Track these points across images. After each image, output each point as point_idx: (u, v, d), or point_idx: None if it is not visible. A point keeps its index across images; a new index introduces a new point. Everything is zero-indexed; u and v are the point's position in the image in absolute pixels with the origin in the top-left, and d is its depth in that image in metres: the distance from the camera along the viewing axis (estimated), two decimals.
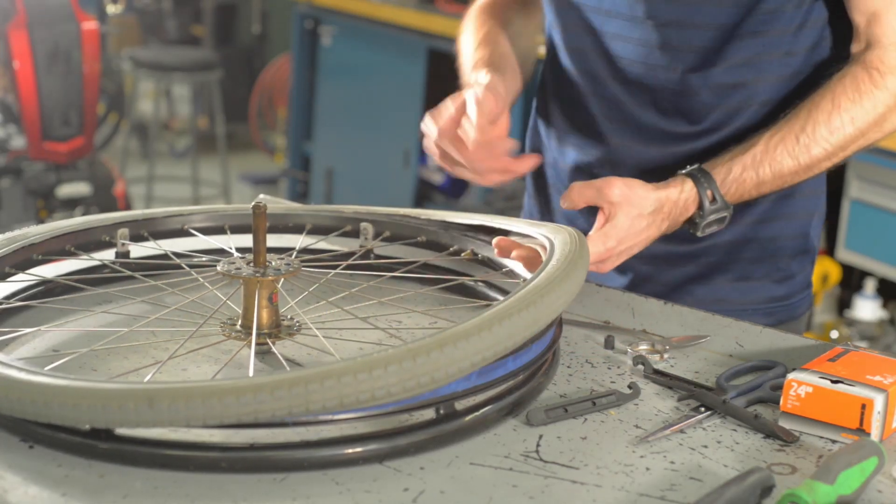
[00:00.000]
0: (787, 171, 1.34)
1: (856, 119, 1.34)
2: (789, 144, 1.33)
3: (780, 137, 1.34)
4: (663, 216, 1.30)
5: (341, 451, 0.98)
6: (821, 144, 1.34)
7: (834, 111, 1.33)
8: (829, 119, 1.33)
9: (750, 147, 1.34)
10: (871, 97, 1.34)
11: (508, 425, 1.06)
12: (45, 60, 4.10)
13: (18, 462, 0.97)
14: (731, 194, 1.33)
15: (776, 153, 1.33)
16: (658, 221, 1.30)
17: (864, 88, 1.34)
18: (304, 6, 5.02)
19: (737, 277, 1.47)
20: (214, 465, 0.96)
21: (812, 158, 1.34)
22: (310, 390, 0.92)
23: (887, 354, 1.15)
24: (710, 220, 1.33)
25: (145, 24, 6.87)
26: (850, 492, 0.94)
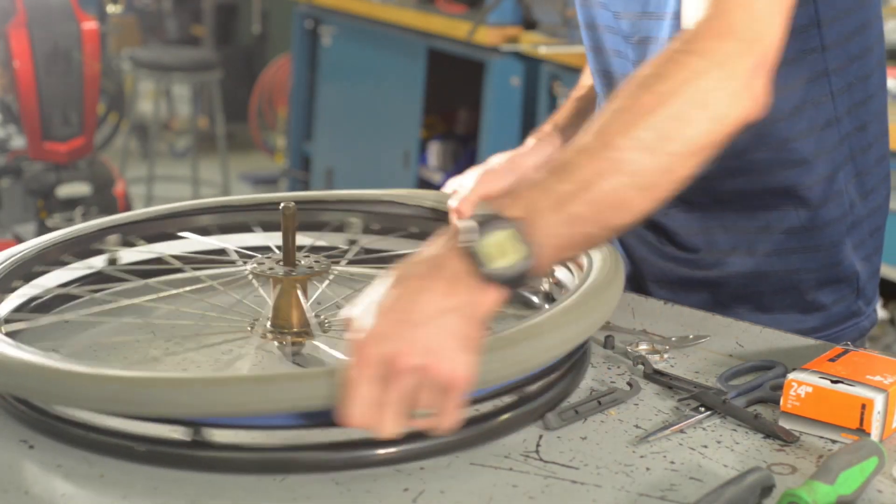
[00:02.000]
0: (591, 174, 0.99)
1: (661, 92, 1.01)
2: (582, 144, 1.02)
3: (572, 143, 1.04)
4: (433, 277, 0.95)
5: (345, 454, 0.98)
6: (622, 133, 1.00)
7: (634, 92, 1.03)
8: (628, 102, 1.03)
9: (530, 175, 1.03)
10: (676, 64, 1.03)
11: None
12: (45, 60, 4.10)
13: (18, 462, 0.97)
14: (510, 215, 0.97)
15: (565, 158, 1.01)
16: (435, 286, 0.95)
17: (669, 56, 1.05)
18: (304, 6, 5.02)
19: (757, 308, 1.40)
20: (215, 465, 0.96)
21: (619, 151, 1.00)
22: None
23: (887, 354, 1.14)
24: (496, 245, 0.96)
25: (145, 24, 6.88)
26: (850, 492, 0.94)
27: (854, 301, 1.41)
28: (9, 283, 1.23)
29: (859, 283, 1.41)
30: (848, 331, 1.42)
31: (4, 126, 4.31)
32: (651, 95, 1.01)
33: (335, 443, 0.98)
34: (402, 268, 0.97)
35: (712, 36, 1.05)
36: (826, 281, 1.39)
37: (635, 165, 1.00)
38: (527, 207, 0.98)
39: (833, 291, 1.40)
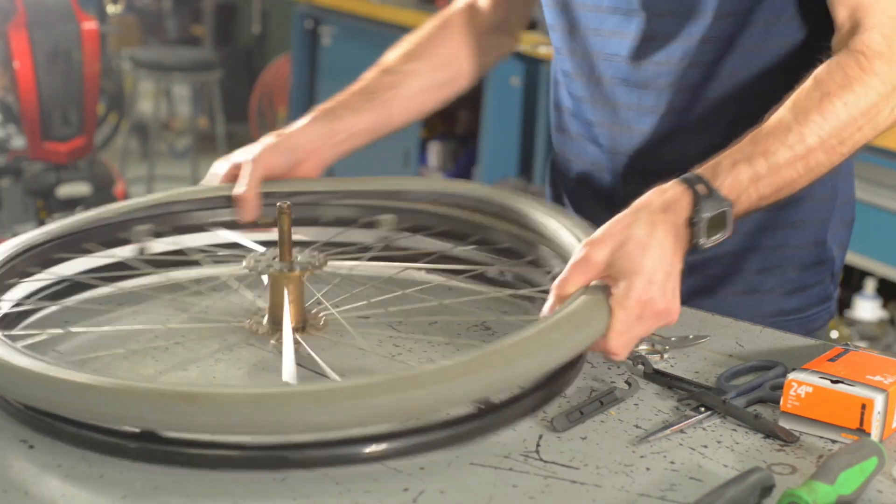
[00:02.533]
0: (784, 163, 1.19)
1: (848, 104, 1.22)
2: (780, 134, 1.20)
3: (770, 129, 1.21)
4: (661, 220, 1.13)
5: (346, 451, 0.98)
6: (814, 132, 1.21)
7: (824, 98, 1.22)
8: (820, 105, 1.22)
9: (738, 144, 1.21)
10: (861, 82, 1.23)
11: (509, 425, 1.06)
12: (45, 60, 4.10)
13: (18, 462, 0.97)
14: (727, 188, 1.17)
15: (768, 144, 1.20)
16: (662, 229, 1.12)
17: (853, 73, 1.23)
18: (304, 6, 5.02)
19: (743, 290, 1.44)
20: (215, 463, 0.96)
21: (807, 148, 1.20)
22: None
23: (887, 354, 1.14)
24: (712, 218, 1.15)
25: (145, 24, 6.88)
26: (850, 492, 0.94)
27: (829, 285, 1.48)
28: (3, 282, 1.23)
29: (834, 269, 1.48)
30: (822, 314, 1.48)
31: (4, 126, 4.31)
32: (841, 106, 1.22)
33: (334, 440, 0.98)
34: (646, 214, 1.13)
35: (884, 60, 1.24)
36: (810, 261, 1.44)
37: (814, 162, 1.22)
38: (735, 186, 1.18)
39: (814, 273, 1.45)
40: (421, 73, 1.55)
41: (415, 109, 1.56)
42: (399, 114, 1.53)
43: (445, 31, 1.59)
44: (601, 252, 1.11)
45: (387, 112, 1.51)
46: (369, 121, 1.49)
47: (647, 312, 1.10)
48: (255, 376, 1.15)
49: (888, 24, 1.26)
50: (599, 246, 1.11)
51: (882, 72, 1.24)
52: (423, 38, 1.59)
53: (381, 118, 1.51)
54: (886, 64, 1.24)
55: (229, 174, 1.41)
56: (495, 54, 1.64)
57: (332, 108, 1.49)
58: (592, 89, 1.46)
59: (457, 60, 1.59)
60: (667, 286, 1.11)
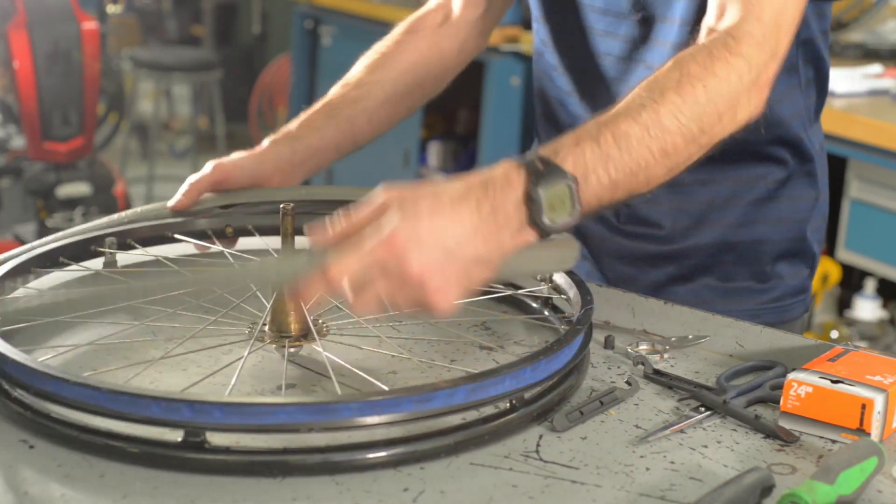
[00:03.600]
0: (637, 142, 1.07)
1: (709, 87, 1.11)
2: (633, 112, 1.08)
3: (622, 108, 1.10)
4: (477, 196, 0.99)
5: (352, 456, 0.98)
6: (671, 112, 1.09)
7: (683, 79, 1.11)
8: (679, 86, 1.10)
9: (584, 124, 1.10)
10: (724, 64, 1.12)
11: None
12: (45, 60, 4.10)
13: (18, 462, 0.97)
14: (571, 165, 1.04)
15: (618, 122, 1.08)
16: (473, 204, 0.99)
17: (717, 54, 1.13)
18: (304, 6, 5.02)
19: (719, 278, 1.46)
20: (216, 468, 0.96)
21: (663, 129, 1.09)
22: None
23: (887, 354, 1.15)
24: (552, 195, 1.01)
25: (145, 24, 6.88)
26: (850, 492, 0.94)
27: (806, 278, 1.49)
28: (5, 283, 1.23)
29: (814, 262, 1.49)
30: (797, 305, 1.49)
31: (4, 126, 4.32)
32: (701, 88, 1.11)
33: (335, 445, 0.98)
34: (462, 185, 1.00)
35: (754, 43, 1.14)
36: (786, 254, 1.45)
37: (672, 147, 1.10)
38: (581, 164, 1.04)
39: (791, 264, 1.46)
40: (384, 84, 1.52)
41: (382, 121, 1.52)
42: (364, 128, 1.50)
43: (412, 36, 1.56)
44: (392, 193, 0.99)
45: (351, 127, 1.49)
46: (332, 138, 1.47)
47: (392, 264, 0.96)
48: (265, 385, 1.15)
49: (768, 14, 1.17)
50: (395, 189, 0.99)
51: (749, 55, 1.14)
52: (388, 45, 1.56)
53: (345, 134, 1.48)
54: (755, 49, 1.15)
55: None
56: (469, 53, 1.61)
57: (294, 130, 1.46)
58: (580, 84, 1.47)
59: (423, 65, 1.56)
60: (435, 259, 0.97)
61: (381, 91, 1.52)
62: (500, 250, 1.01)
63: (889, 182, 2.90)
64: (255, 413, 0.95)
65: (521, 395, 1.05)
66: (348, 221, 1.00)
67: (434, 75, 1.58)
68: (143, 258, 1.36)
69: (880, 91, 3.04)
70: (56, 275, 1.31)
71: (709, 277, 1.46)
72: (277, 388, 1.12)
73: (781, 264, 1.46)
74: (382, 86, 1.52)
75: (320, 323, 1.21)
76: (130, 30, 6.70)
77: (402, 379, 1.15)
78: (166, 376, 1.14)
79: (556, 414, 1.07)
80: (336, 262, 0.96)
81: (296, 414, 0.96)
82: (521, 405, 1.06)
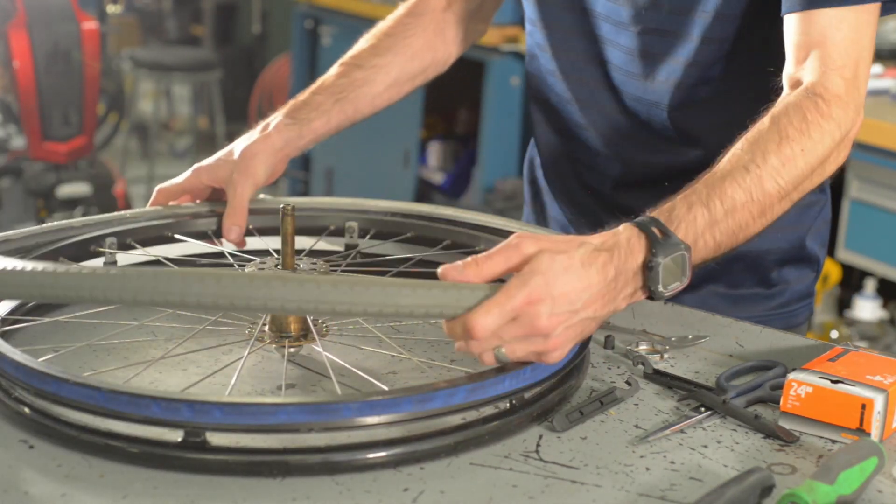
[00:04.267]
0: (741, 206, 1.14)
1: (806, 151, 1.18)
2: (738, 177, 1.15)
3: (727, 170, 1.15)
4: (604, 260, 1.04)
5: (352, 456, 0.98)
6: (773, 178, 1.16)
7: (783, 141, 1.17)
8: (780, 149, 1.17)
9: (693, 185, 1.15)
10: (818, 128, 1.19)
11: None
12: (45, 60, 4.10)
13: (18, 462, 0.97)
14: (683, 232, 1.10)
15: (725, 186, 1.14)
16: (600, 266, 1.04)
17: (811, 118, 1.19)
18: (304, 6, 5.02)
19: (727, 285, 1.46)
20: (217, 468, 0.96)
21: (765, 194, 1.15)
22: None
23: (887, 354, 1.15)
24: (668, 264, 1.07)
25: (145, 24, 6.88)
26: (850, 492, 0.94)
27: (811, 283, 1.49)
28: None
29: (819, 266, 1.50)
30: (803, 310, 1.51)
31: (4, 126, 4.32)
32: (799, 151, 1.17)
33: (335, 445, 0.98)
34: (591, 247, 1.04)
35: (842, 104, 1.21)
36: (792, 259, 1.46)
37: (769, 207, 1.16)
38: (692, 230, 1.11)
39: (796, 269, 1.47)
40: (390, 69, 1.53)
41: (383, 104, 1.54)
42: (366, 110, 1.52)
43: (417, 20, 1.57)
44: (532, 246, 1.03)
45: (354, 111, 1.51)
46: (336, 122, 1.49)
47: (525, 318, 1.01)
48: (265, 385, 1.15)
49: (849, 68, 1.22)
50: (533, 241, 1.04)
51: (838, 117, 1.20)
52: (393, 27, 1.57)
53: (347, 117, 1.51)
54: (843, 109, 1.21)
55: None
56: (470, 40, 1.62)
57: (301, 110, 1.47)
58: (578, 91, 1.46)
59: (429, 50, 1.57)
60: (562, 315, 1.01)
61: (387, 76, 1.53)
62: (613, 310, 1.07)
63: (889, 182, 2.90)
64: (255, 413, 0.95)
65: (521, 395, 1.05)
66: (487, 266, 1.03)
67: (438, 61, 1.58)
68: (142, 258, 1.36)
69: (880, 91, 3.04)
70: None
71: (716, 285, 1.46)
72: (277, 388, 1.12)
73: (788, 269, 1.47)
74: (388, 71, 1.53)
75: (320, 323, 1.21)
76: (130, 30, 6.70)
77: (402, 379, 1.15)
78: (166, 376, 1.14)
79: (556, 414, 1.07)
80: (483, 313, 0.99)
81: (296, 414, 0.96)
82: (521, 405, 1.06)
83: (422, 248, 1.41)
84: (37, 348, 1.18)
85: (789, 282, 1.47)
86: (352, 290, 0.97)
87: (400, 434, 1.00)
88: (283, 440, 0.98)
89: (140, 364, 1.14)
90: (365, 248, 1.42)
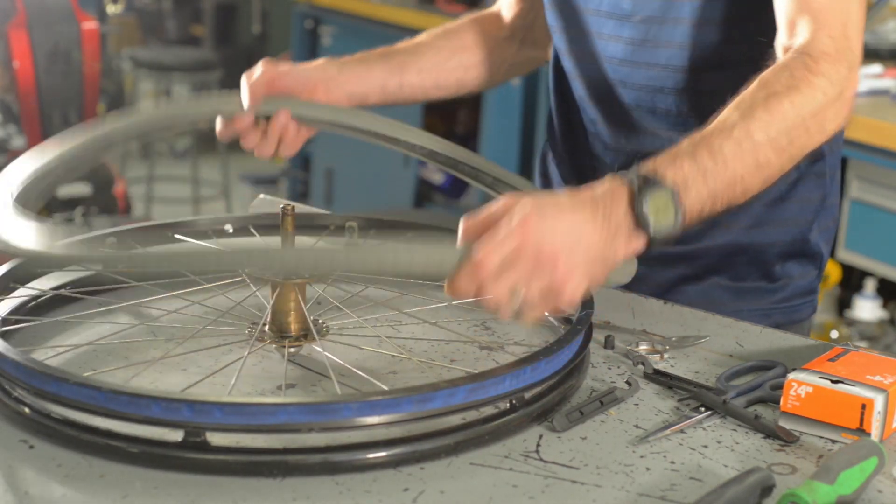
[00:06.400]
0: (731, 157, 1.13)
1: (795, 104, 1.17)
2: (724, 130, 1.15)
3: (714, 127, 1.16)
4: (590, 206, 1.06)
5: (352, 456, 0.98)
6: (761, 128, 1.15)
7: (770, 97, 1.17)
8: (766, 103, 1.17)
9: (677, 144, 1.15)
10: (807, 83, 1.19)
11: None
12: (45, 60, 4.10)
13: (18, 462, 0.97)
14: (670, 178, 1.10)
15: (711, 139, 1.14)
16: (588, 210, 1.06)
17: (799, 75, 1.19)
18: (304, 6, 5.02)
19: (731, 278, 1.47)
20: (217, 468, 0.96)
21: (754, 143, 1.15)
22: None
23: (887, 354, 1.15)
24: (656, 203, 1.08)
25: (145, 24, 6.88)
26: (850, 492, 0.94)
27: (814, 279, 1.50)
28: (6, 284, 1.23)
29: (822, 263, 1.50)
30: (806, 306, 1.51)
31: (4, 126, 4.31)
32: (788, 104, 1.17)
33: (335, 445, 0.98)
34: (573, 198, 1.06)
35: (831, 61, 1.21)
36: (795, 254, 1.47)
37: (764, 159, 1.16)
38: (680, 176, 1.10)
39: (799, 265, 1.47)
40: (442, 50, 1.55)
41: (428, 82, 1.54)
42: (413, 78, 1.52)
43: (478, 25, 1.60)
44: (514, 197, 1.04)
45: (400, 72, 1.51)
46: (379, 75, 1.49)
47: (527, 248, 1.01)
48: (265, 386, 1.15)
49: (836, 27, 1.23)
50: (518, 196, 1.05)
51: (828, 73, 1.20)
52: (454, 25, 1.60)
53: (393, 75, 1.50)
54: (833, 66, 1.21)
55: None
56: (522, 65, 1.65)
57: (344, 58, 1.48)
58: (592, 90, 1.48)
59: (478, 50, 1.58)
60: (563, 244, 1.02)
61: (438, 55, 1.55)
62: (614, 254, 1.07)
63: (889, 182, 2.90)
64: (255, 413, 0.95)
65: (521, 395, 1.05)
66: (478, 219, 1.04)
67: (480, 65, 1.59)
68: None
69: (880, 91, 3.04)
70: (56, 274, 1.31)
71: (720, 277, 1.46)
72: (277, 388, 1.12)
73: (790, 264, 1.47)
74: (440, 51, 1.55)
75: (320, 323, 1.21)
76: (130, 30, 6.69)
77: (402, 379, 1.15)
78: (166, 376, 1.14)
79: (556, 414, 1.07)
80: (478, 249, 1.00)
81: (296, 414, 0.96)
82: (521, 405, 1.06)
83: None
84: (37, 348, 1.18)
85: (792, 277, 1.48)
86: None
87: (400, 434, 1.00)
88: (283, 440, 0.98)
89: (140, 364, 1.14)
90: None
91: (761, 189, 1.19)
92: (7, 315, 1.20)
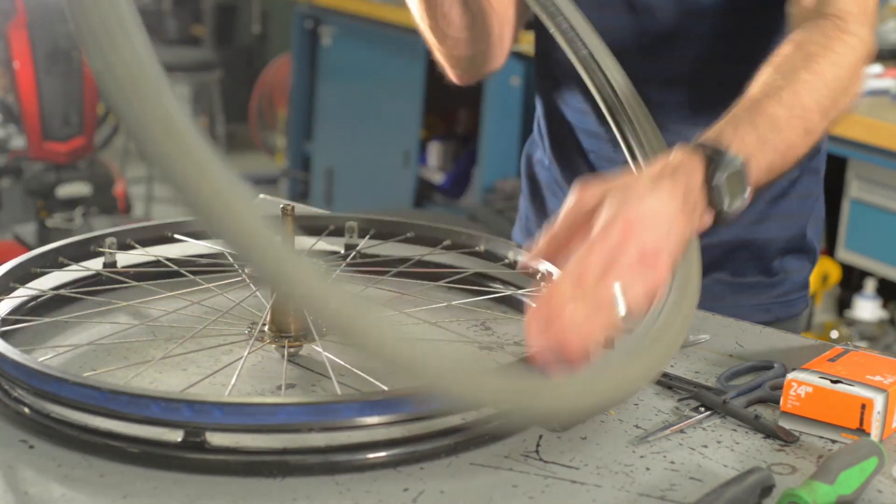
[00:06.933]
0: (785, 123, 1.11)
1: (834, 63, 1.17)
2: (774, 96, 1.13)
3: (762, 93, 1.13)
4: (668, 184, 1.00)
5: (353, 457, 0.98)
6: (809, 92, 1.14)
7: (809, 59, 1.16)
8: (807, 65, 1.15)
9: (731, 111, 1.12)
10: (840, 42, 1.18)
11: None
12: (45, 60, 4.10)
13: (18, 462, 0.97)
14: (736, 149, 1.06)
15: (764, 106, 1.12)
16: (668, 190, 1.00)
17: (832, 34, 1.19)
18: (304, 6, 5.02)
19: (731, 273, 1.48)
20: (217, 468, 0.96)
21: (805, 109, 1.14)
22: None
23: (887, 354, 1.15)
24: (730, 178, 1.04)
25: (145, 24, 6.81)
26: (850, 492, 0.94)
27: (808, 273, 1.51)
28: (5, 284, 1.23)
29: (815, 257, 1.52)
30: (801, 300, 1.52)
31: (4, 126, 4.31)
32: (828, 65, 1.16)
33: (335, 446, 0.98)
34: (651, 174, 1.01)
35: (858, 21, 1.21)
36: (793, 248, 1.48)
37: (812, 125, 1.14)
38: (743, 148, 1.06)
39: (796, 260, 1.49)
40: None
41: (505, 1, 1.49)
42: None
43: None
44: (593, 190, 0.99)
45: None
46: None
47: (629, 242, 0.95)
48: (264, 387, 1.15)
49: None
50: (591, 186, 1.00)
51: (858, 32, 1.20)
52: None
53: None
54: (860, 25, 1.21)
55: None
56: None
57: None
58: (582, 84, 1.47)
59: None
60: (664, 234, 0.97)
61: None
62: (692, 232, 1.03)
63: (889, 182, 2.90)
64: (255, 413, 0.95)
65: None
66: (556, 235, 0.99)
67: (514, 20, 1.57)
68: (143, 258, 1.36)
69: (880, 91, 3.04)
70: (56, 274, 1.31)
71: (721, 273, 1.47)
72: (277, 388, 1.12)
73: (788, 259, 1.49)
74: None
75: (320, 323, 1.21)
76: None
77: (402, 379, 1.15)
78: (166, 376, 1.14)
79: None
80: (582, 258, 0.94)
81: (296, 414, 0.96)
82: None
83: (422, 248, 1.41)
84: (37, 348, 1.18)
85: (789, 272, 1.50)
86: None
87: (400, 434, 1.00)
88: (283, 440, 0.98)
89: (140, 364, 1.14)
90: (365, 249, 1.42)
91: (805, 155, 1.17)
92: (7, 315, 1.20)
